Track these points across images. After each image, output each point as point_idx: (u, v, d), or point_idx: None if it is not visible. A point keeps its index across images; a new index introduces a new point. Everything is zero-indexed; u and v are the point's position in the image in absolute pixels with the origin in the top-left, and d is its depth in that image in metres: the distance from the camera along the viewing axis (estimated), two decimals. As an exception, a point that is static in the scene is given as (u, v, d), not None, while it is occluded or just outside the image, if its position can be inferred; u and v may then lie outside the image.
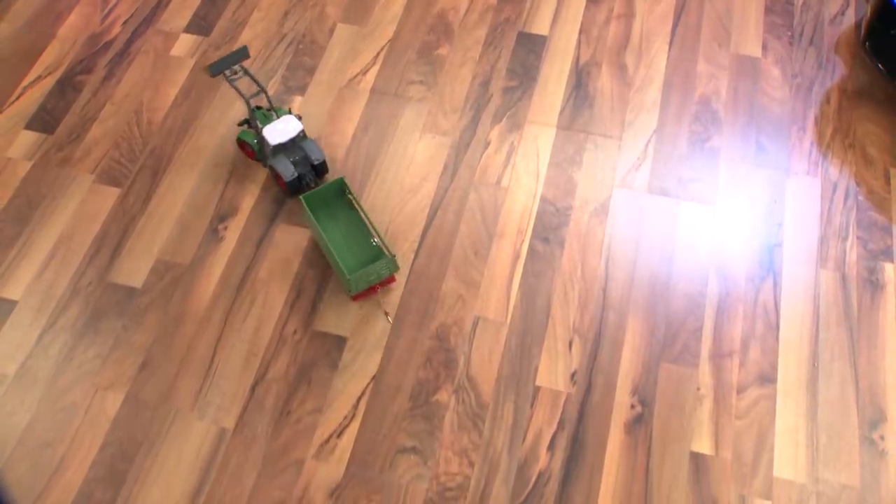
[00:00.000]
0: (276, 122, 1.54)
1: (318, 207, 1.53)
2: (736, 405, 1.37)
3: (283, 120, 1.54)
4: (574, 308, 1.47)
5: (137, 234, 1.56)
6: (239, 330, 1.45)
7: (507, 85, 1.75)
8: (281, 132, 1.52)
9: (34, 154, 1.66)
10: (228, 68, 1.51)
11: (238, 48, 1.55)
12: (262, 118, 1.57)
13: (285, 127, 1.53)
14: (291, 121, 1.54)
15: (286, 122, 1.54)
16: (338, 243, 1.50)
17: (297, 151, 1.55)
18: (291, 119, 1.54)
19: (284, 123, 1.53)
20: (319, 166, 1.56)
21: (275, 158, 1.53)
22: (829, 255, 1.52)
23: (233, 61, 1.51)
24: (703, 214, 1.57)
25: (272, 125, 1.53)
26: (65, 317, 1.47)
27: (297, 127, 1.53)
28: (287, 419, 1.36)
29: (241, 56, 1.52)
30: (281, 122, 1.54)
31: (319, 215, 1.53)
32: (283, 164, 1.52)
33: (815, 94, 1.73)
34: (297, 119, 1.55)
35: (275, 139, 1.52)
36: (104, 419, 1.36)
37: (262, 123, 1.55)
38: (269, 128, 1.52)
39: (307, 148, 1.55)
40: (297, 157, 1.55)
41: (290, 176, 1.52)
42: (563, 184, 1.61)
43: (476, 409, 1.37)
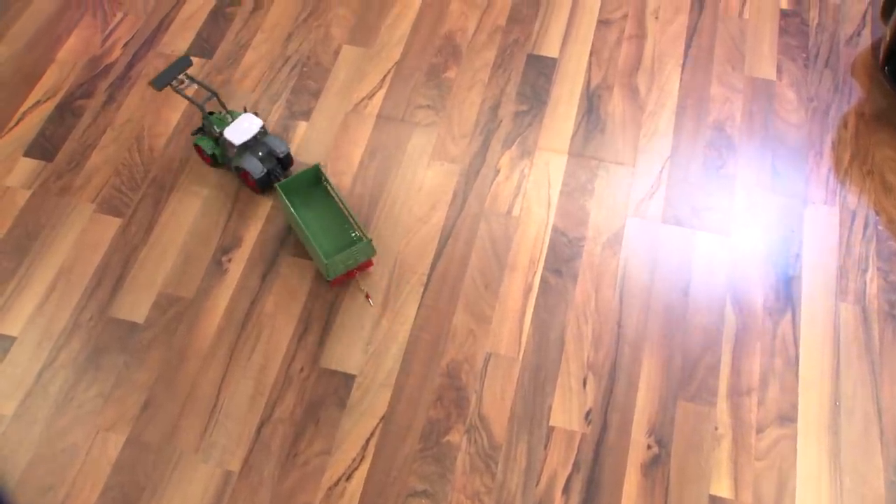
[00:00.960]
0: (236, 122, 1.53)
1: (294, 195, 1.54)
2: (755, 446, 1.34)
3: (243, 118, 1.54)
4: (588, 343, 1.43)
5: (139, 266, 1.52)
6: (244, 367, 1.41)
7: (517, 109, 1.71)
8: (243, 131, 1.52)
9: (33, 182, 1.62)
10: (174, 79, 1.52)
11: (180, 57, 1.56)
12: (218, 123, 1.56)
13: (246, 125, 1.53)
14: (251, 118, 1.54)
15: (246, 120, 1.54)
16: (315, 230, 1.50)
17: (260, 147, 1.55)
18: (250, 117, 1.54)
19: (245, 122, 1.53)
20: (285, 159, 1.57)
21: (240, 158, 1.54)
22: (848, 287, 1.49)
23: (176, 72, 1.53)
24: (719, 245, 1.54)
25: (233, 126, 1.53)
26: (65, 353, 1.43)
27: (257, 123, 1.53)
28: (294, 461, 1.32)
29: (184, 65, 1.53)
30: (240, 121, 1.54)
31: (295, 203, 1.54)
32: (251, 162, 1.53)
33: (831, 119, 1.69)
34: (255, 116, 1.55)
35: (238, 139, 1.52)
36: (106, 462, 1.33)
37: (221, 127, 1.55)
38: (230, 129, 1.52)
39: (270, 143, 1.55)
40: (262, 153, 1.55)
41: (260, 172, 1.53)
42: (575, 213, 1.57)
43: (488, 450, 1.33)
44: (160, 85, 1.51)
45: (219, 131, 1.55)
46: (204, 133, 1.59)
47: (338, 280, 1.46)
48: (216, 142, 1.58)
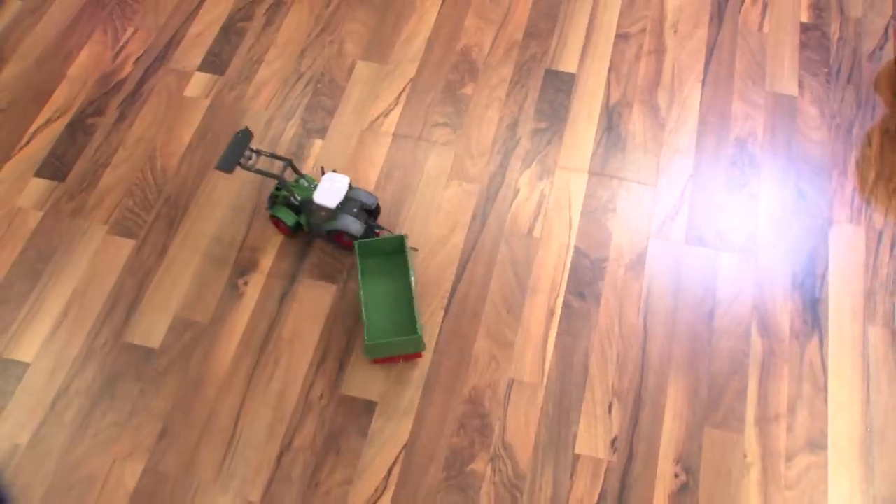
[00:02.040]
0: (322, 185, 1.43)
1: (370, 257, 1.46)
2: (785, 474, 1.31)
3: (327, 179, 1.44)
4: (612, 368, 1.40)
5: (154, 290, 1.50)
6: (263, 394, 1.39)
7: (536, 127, 1.69)
8: (333, 192, 1.42)
9: (45, 203, 1.60)
10: (241, 156, 1.41)
11: (237, 132, 1.42)
12: (298, 190, 1.47)
13: (335, 186, 1.43)
14: (335, 177, 1.44)
15: (331, 180, 1.44)
16: (374, 301, 1.42)
17: (350, 204, 1.46)
18: (334, 176, 1.44)
19: (331, 183, 1.43)
20: (375, 210, 1.51)
21: (334, 221, 1.44)
22: (876, 310, 1.46)
23: (241, 148, 1.41)
24: (744, 266, 1.51)
25: (321, 189, 1.42)
26: (79, 380, 1.40)
27: (345, 180, 1.44)
28: (315, 491, 1.30)
29: (246, 139, 1.42)
30: (326, 183, 1.43)
31: (368, 266, 1.46)
32: (349, 222, 1.43)
33: (855, 136, 1.67)
34: (337, 173, 1.45)
35: (333, 201, 1.42)
36: (123, 493, 1.30)
37: (302, 193, 1.46)
38: (320, 193, 1.42)
39: (358, 196, 1.46)
40: (354, 209, 1.45)
41: (361, 229, 1.44)
42: (596, 234, 1.54)
43: (513, 479, 1.30)
44: (229, 167, 1.39)
45: (300, 199, 1.46)
46: (279, 203, 1.50)
47: (381, 360, 1.39)
48: (296, 210, 1.49)
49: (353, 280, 1.50)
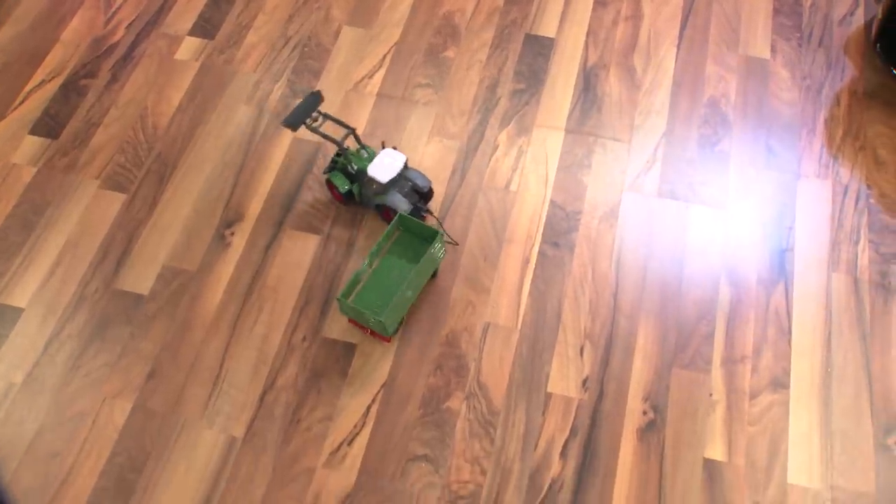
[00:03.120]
0: (378, 158, 1.46)
1: (405, 233, 1.47)
2: (749, 411, 1.36)
3: (384, 155, 1.46)
4: (585, 314, 1.46)
5: (143, 241, 1.55)
6: (247, 337, 1.44)
7: (515, 88, 1.74)
8: (387, 167, 1.45)
9: (38, 160, 1.65)
10: (308, 117, 1.45)
11: (310, 93, 1.47)
12: (355, 160, 1.49)
13: (390, 161, 1.45)
14: (393, 154, 1.46)
15: (388, 156, 1.46)
16: (383, 270, 1.43)
17: (403, 183, 1.48)
18: (391, 152, 1.46)
19: (388, 158, 1.46)
20: (427, 193, 1.51)
21: (384, 196, 1.47)
22: (840, 258, 1.51)
23: (309, 109, 1.45)
24: (714, 218, 1.56)
25: (375, 162, 1.45)
26: (71, 325, 1.46)
27: (401, 159, 1.46)
28: (297, 427, 1.35)
29: (316, 101, 1.46)
30: (383, 157, 1.46)
31: (399, 239, 1.47)
32: (397, 199, 1.45)
33: (824, 97, 1.72)
34: (396, 151, 1.47)
35: (385, 176, 1.44)
36: (112, 428, 1.35)
37: (359, 164, 1.48)
38: (374, 166, 1.45)
39: (413, 177, 1.48)
40: (405, 189, 1.47)
41: (409, 209, 1.46)
42: (572, 188, 1.60)
43: (488, 416, 1.36)
44: (295, 125, 1.44)
45: (356, 168, 1.48)
46: (336, 169, 1.52)
47: (352, 321, 1.42)
48: (352, 179, 1.51)
49: (337, 229, 1.55)
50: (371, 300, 1.41)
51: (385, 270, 1.44)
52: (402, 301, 1.36)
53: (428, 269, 1.40)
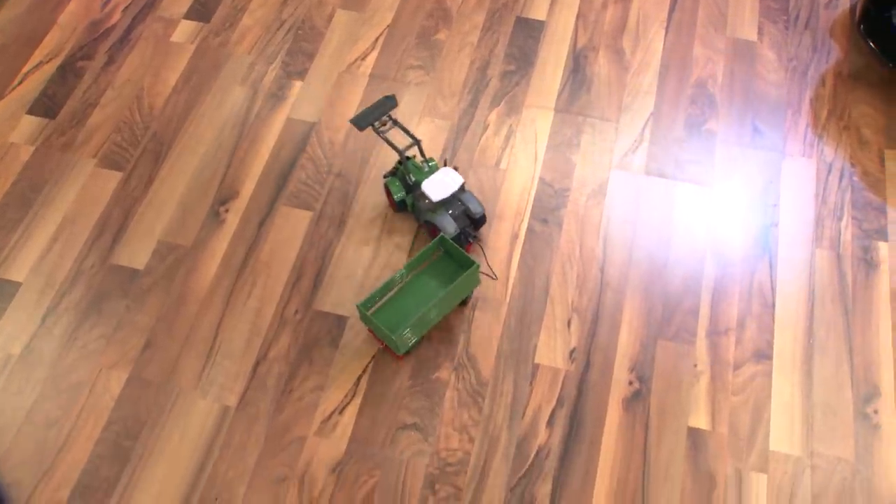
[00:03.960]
0: (435, 175, 1.43)
1: (444, 254, 1.44)
2: (732, 381, 1.39)
3: (443, 173, 1.43)
4: (572, 287, 1.48)
5: (139, 217, 1.58)
6: (241, 311, 1.47)
7: (506, 69, 1.77)
8: (443, 187, 1.42)
9: (36, 139, 1.68)
10: (377, 120, 1.43)
11: (383, 98, 1.45)
12: (415, 171, 1.48)
13: (446, 181, 1.43)
14: (451, 173, 1.44)
15: (446, 175, 1.43)
16: (412, 287, 1.41)
17: (456, 205, 1.45)
18: (450, 171, 1.44)
19: (445, 176, 1.43)
20: (479, 220, 1.48)
21: (434, 214, 1.44)
22: (824, 234, 1.54)
23: (380, 112, 1.44)
24: (700, 196, 1.59)
25: (432, 179, 1.43)
26: (68, 298, 1.48)
27: (457, 180, 1.43)
28: (289, 397, 1.38)
29: (388, 106, 1.44)
30: (440, 175, 1.43)
31: (438, 260, 1.44)
32: (445, 220, 1.43)
33: (810, 78, 1.75)
34: (455, 171, 1.45)
35: (437, 195, 1.42)
36: (108, 398, 1.38)
37: (417, 176, 1.47)
38: (430, 182, 1.42)
39: (467, 201, 1.45)
40: (457, 211, 1.45)
41: (453, 232, 1.43)
42: (560, 166, 1.62)
43: (476, 386, 1.39)
44: (362, 125, 1.42)
45: (414, 180, 1.46)
46: (396, 176, 1.50)
47: (370, 332, 1.41)
48: (408, 189, 1.48)
49: (329, 206, 1.58)
50: (393, 315, 1.39)
51: (416, 288, 1.41)
52: (422, 322, 1.34)
53: (456, 297, 1.37)
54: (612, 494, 1.29)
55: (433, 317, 1.36)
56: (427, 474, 1.31)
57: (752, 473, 1.31)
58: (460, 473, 1.31)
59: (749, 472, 1.31)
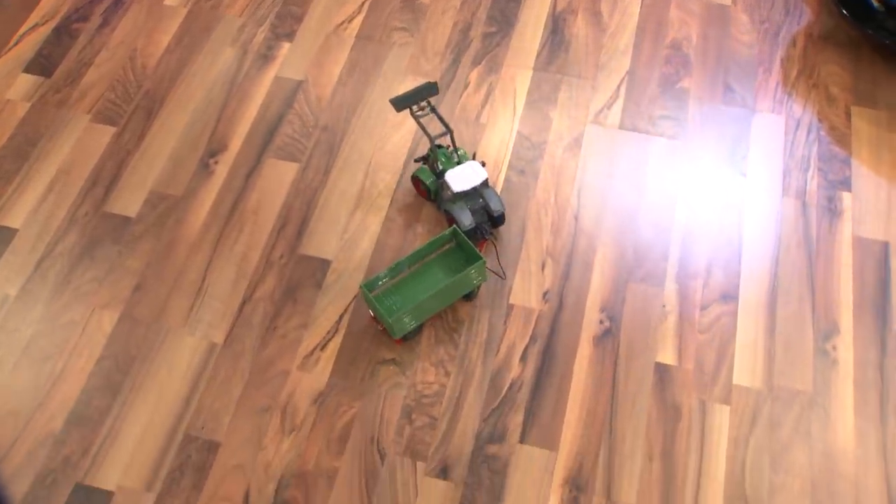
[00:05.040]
0: (460, 166, 1.46)
1: (455, 247, 1.47)
2: (699, 321, 1.45)
3: (468, 165, 1.47)
4: (547, 233, 1.54)
5: (132, 169, 1.64)
6: (228, 255, 1.53)
7: (487, 31, 1.82)
8: (465, 179, 1.45)
9: (32, 96, 1.74)
10: (416, 104, 1.47)
11: (425, 83, 1.48)
12: (443, 159, 1.49)
13: (470, 173, 1.46)
14: (476, 167, 1.47)
15: (471, 167, 1.46)
16: (420, 276, 1.44)
17: (476, 199, 1.48)
18: (476, 165, 1.47)
19: (469, 169, 1.46)
20: (498, 218, 1.50)
21: (453, 204, 1.47)
22: (791, 185, 1.60)
23: (420, 97, 1.47)
24: (672, 149, 1.65)
25: (456, 170, 1.46)
26: (63, 244, 1.54)
27: (481, 175, 1.46)
28: (273, 334, 1.44)
29: (429, 92, 1.48)
30: (465, 167, 1.46)
31: (447, 252, 1.46)
32: (462, 212, 1.46)
33: (781, 39, 1.81)
34: (481, 166, 1.48)
35: (458, 186, 1.45)
36: (101, 335, 1.44)
37: (444, 165, 1.49)
38: (453, 173, 1.45)
39: (487, 197, 1.48)
40: (476, 206, 1.48)
41: (468, 226, 1.45)
42: (538, 121, 1.68)
43: (452, 324, 1.45)
44: (400, 106, 1.46)
45: (441, 168, 1.49)
46: (426, 164, 1.53)
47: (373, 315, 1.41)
48: (437, 177, 1.51)
49: (315, 158, 1.64)
50: (396, 300, 1.41)
51: (424, 276, 1.44)
52: (420, 310, 1.36)
53: (458, 290, 1.39)
54: (581, 424, 1.35)
55: (433, 306, 1.37)
56: (404, 405, 1.37)
57: (715, 405, 1.37)
58: (436, 404, 1.37)
59: (713, 404, 1.37)
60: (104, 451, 1.33)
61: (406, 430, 1.35)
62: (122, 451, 1.33)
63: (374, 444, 1.33)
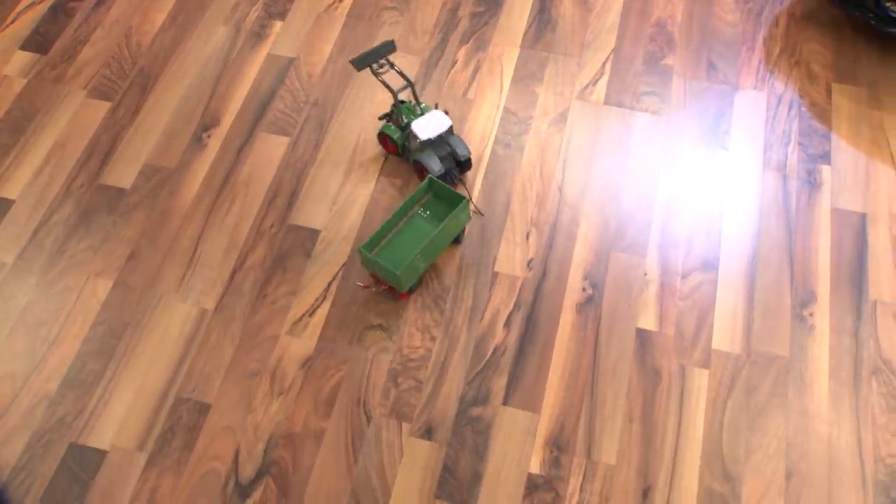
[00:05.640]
0: (425, 116, 1.53)
1: (435, 197, 1.51)
2: (680, 288, 1.49)
3: (432, 115, 1.53)
4: (532, 205, 1.58)
5: (126, 143, 1.67)
6: (220, 225, 1.56)
7: (475, 10, 1.86)
8: (430, 127, 1.52)
9: (29, 72, 1.77)
10: (375, 62, 1.51)
11: (383, 42, 1.53)
12: (407, 113, 1.56)
13: (434, 122, 1.53)
14: (440, 116, 1.53)
15: (434, 117, 1.53)
16: (408, 230, 1.49)
17: (443, 147, 1.53)
18: (440, 114, 1.53)
19: (434, 118, 1.53)
20: (465, 163, 1.56)
21: (421, 153, 1.53)
22: (771, 158, 1.63)
23: (379, 55, 1.51)
24: (656, 124, 1.68)
25: (420, 120, 1.53)
26: (58, 214, 1.58)
27: (446, 122, 1.53)
28: (263, 301, 1.47)
29: (387, 49, 1.51)
30: (429, 117, 1.53)
31: (429, 203, 1.51)
32: (430, 159, 1.51)
33: (765, 18, 1.84)
34: (445, 115, 1.55)
35: (424, 134, 1.51)
36: (95, 302, 1.48)
37: (409, 118, 1.55)
38: (418, 122, 1.52)
39: (453, 144, 1.53)
40: (443, 153, 1.53)
41: (438, 171, 1.51)
42: (524, 96, 1.72)
43: (438, 291, 1.48)
44: (361, 65, 1.49)
45: (405, 121, 1.54)
46: (391, 121, 1.59)
47: (372, 277, 1.46)
48: (403, 131, 1.57)
49: (306, 133, 1.67)
50: (391, 256, 1.46)
51: (410, 231, 1.48)
52: (419, 261, 1.40)
53: (449, 234, 1.44)
54: (564, 388, 1.39)
55: (431, 254, 1.42)
56: (390, 369, 1.40)
57: (694, 369, 1.40)
58: (421, 368, 1.40)
59: (692, 368, 1.40)
60: (98, 412, 1.37)
61: (392, 393, 1.38)
62: (115, 412, 1.37)
63: (361, 406, 1.37)
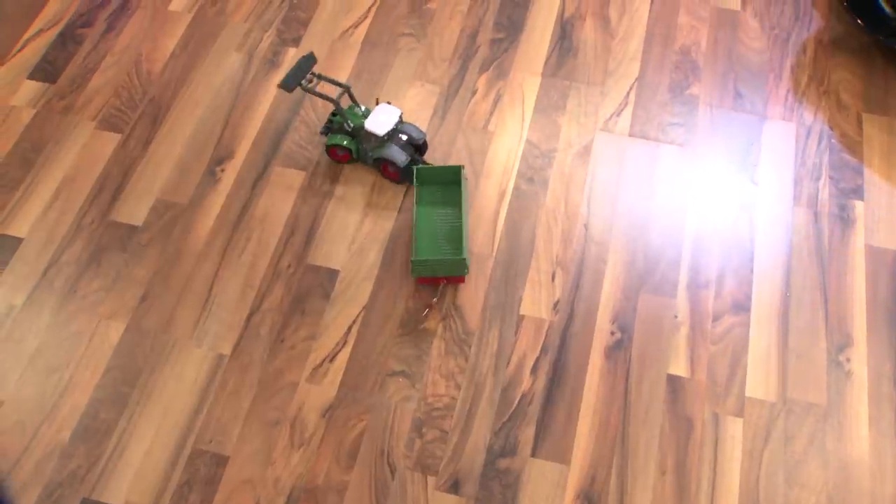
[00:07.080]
0: (373, 113, 1.52)
1: (428, 185, 1.54)
2: (711, 331, 1.44)
3: (379, 110, 1.53)
4: (557, 243, 1.53)
5: (138, 176, 1.62)
6: (235, 265, 1.51)
7: (495, 37, 1.81)
8: (385, 122, 1.51)
9: (37, 102, 1.72)
10: (303, 78, 1.50)
11: (303, 56, 1.51)
12: (352, 116, 1.55)
13: (386, 116, 1.52)
14: (388, 108, 1.53)
15: (383, 111, 1.52)
16: (423, 226, 1.50)
17: (398, 136, 1.54)
18: (386, 107, 1.53)
19: (382, 113, 1.52)
20: (422, 146, 1.58)
21: (382, 149, 1.52)
22: (802, 193, 1.59)
23: (304, 71, 1.50)
24: (682, 156, 1.64)
25: (372, 118, 1.52)
26: (69, 252, 1.53)
27: (396, 112, 1.52)
28: (281, 346, 1.43)
29: (309, 63, 1.50)
30: (378, 112, 1.52)
31: (423, 193, 1.53)
32: (394, 152, 1.51)
33: (792, 45, 1.79)
34: (391, 105, 1.54)
35: (381, 130, 1.50)
36: (107, 346, 1.43)
37: (356, 121, 1.54)
38: (371, 121, 1.51)
39: (407, 131, 1.54)
40: (401, 142, 1.53)
41: (404, 161, 1.51)
42: (547, 128, 1.67)
43: (463, 335, 1.43)
44: (290, 86, 1.48)
45: (353, 125, 1.53)
46: (333, 131, 1.57)
47: (424, 280, 1.47)
48: (352, 136, 1.56)
49: (322, 166, 1.63)
50: (435, 250, 1.48)
51: (427, 226, 1.50)
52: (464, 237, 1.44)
53: (466, 204, 1.48)
54: (594, 437, 1.34)
55: (466, 229, 1.46)
56: (414, 418, 1.36)
57: (728, 417, 1.35)
58: (446, 417, 1.36)
59: (726, 417, 1.35)
60: (111, 464, 1.32)
61: (416, 444, 1.33)
62: (129, 464, 1.32)
63: (385, 458, 1.32)
